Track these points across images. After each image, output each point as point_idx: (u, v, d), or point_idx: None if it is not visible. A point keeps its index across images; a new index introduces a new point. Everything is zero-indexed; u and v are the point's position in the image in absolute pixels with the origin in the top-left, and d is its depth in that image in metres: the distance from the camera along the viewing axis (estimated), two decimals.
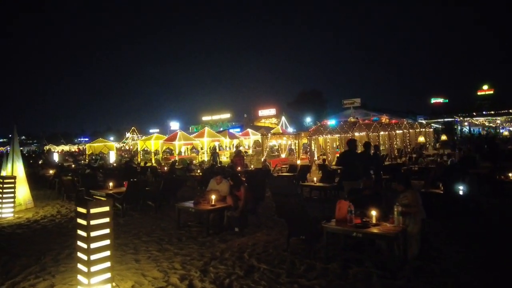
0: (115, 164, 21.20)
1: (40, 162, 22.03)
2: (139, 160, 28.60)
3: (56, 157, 29.21)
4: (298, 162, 19.07)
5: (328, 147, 20.43)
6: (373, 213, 4.68)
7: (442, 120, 35.13)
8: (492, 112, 32.46)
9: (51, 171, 13.67)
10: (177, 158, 25.65)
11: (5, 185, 7.87)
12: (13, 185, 8.02)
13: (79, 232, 3.57)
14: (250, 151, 33.46)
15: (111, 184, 8.89)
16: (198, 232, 6.43)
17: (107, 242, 3.61)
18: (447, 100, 59.16)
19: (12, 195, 8.00)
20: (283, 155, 23.38)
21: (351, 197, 5.69)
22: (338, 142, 20.01)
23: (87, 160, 29.54)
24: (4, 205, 7.83)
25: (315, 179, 10.68)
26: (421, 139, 21.02)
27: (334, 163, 16.89)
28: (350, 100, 40.04)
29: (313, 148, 19.64)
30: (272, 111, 67.31)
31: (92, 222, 3.46)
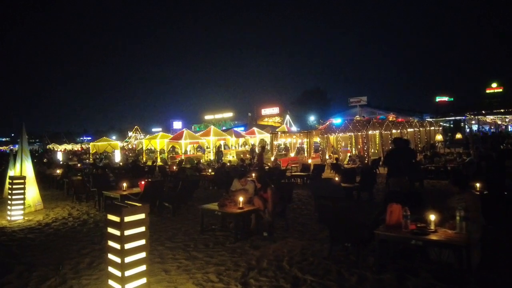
0: (121, 164, 20.71)
1: (44, 161, 21.60)
2: (144, 159, 28.14)
3: (60, 156, 28.76)
4: (310, 161, 18.61)
5: (339, 145, 19.95)
6: (432, 217, 4.19)
7: (451, 118, 34.54)
8: (502, 110, 31.92)
9: (58, 171, 13.20)
10: (183, 157, 25.21)
11: (14, 186, 7.39)
12: (23, 186, 7.55)
13: (111, 243, 3.08)
14: (256, 150, 32.97)
15: (124, 184, 8.41)
16: (225, 237, 5.95)
17: (143, 255, 3.12)
18: (452, 99, 58.54)
19: (22, 196, 7.52)
20: (292, 154, 22.87)
21: (391, 197, 5.22)
22: (350, 140, 19.50)
23: (91, 159, 29.12)
24: (13, 207, 7.36)
25: (337, 179, 10.18)
26: (439, 137, 20.47)
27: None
28: (357, 99, 39.55)
29: (324, 146, 19.16)
30: (275, 110, 66.82)
31: (127, 233, 2.97)
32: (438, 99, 58.37)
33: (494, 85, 38.05)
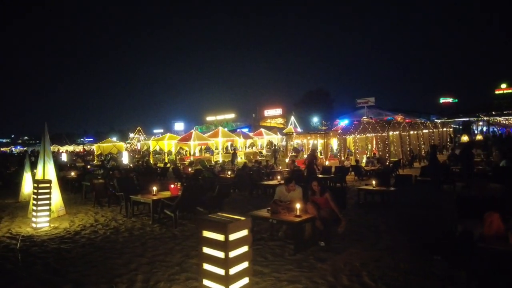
0: (131, 165, 20.08)
1: None
2: (151, 160, 27.52)
3: (64, 158, 28.09)
4: (327, 163, 18.08)
5: (356, 147, 19.44)
6: None
7: (461, 119, 34.25)
8: None
9: (72, 173, 12.58)
10: (192, 159, 24.63)
11: (40, 191, 6.79)
12: (49, 191, 6.95)
13: (209, 267, 2.50)
14: (264, 151, 32.45)
15: (154, 188, 7.83)
16: (280, 248, 5.40)
17: (246, 280, 2.55)
18: (456, 100, 58.33)
19: (48, 202, 6.92)
20: (306, 156, 22.31)
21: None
22: (366, 142, 18.98)
23: (96, 161, 28.46)
24: (39, 213, 6.75)
25: (374, 182, 9.63)
26: (465, 138, 19.99)
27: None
28: (364, 100, 39.19)
29: (337, 147, 18.64)
30: (278, 111, 66.37)
31: (232, 254, 2.40)
32: (442, 100, 58.18)
33: (503, 86, 37.77)
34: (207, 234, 2.49)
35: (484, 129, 37.59)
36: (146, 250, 5.30)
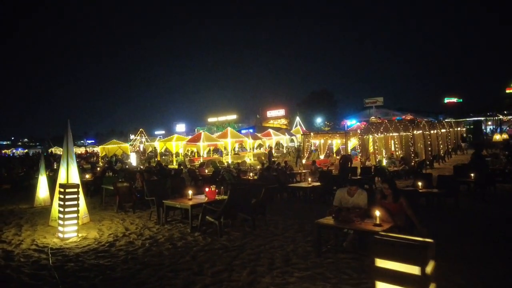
0: (142, 167, 19.26)
1: (54, 167, 20.08)
2: (157, 161, 26.70)
3: None
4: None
5: (376, 147, 18.71)
6: None
7: (472, 119, 33.69)
8: None
9: (87, 176, 11.77)
10: (201, 160, 23.85)
11: (67, 196, 6.00)
12: (76, 196, 6.15)
13: None
14: (273, 152, 31.65)
15: (190, 192, 7.06)
16: (356, 260, 4.66)
17: None
18: (461, 100, 57.88)
19: (76, 208, 6.12)
20: (321, 156, 21.58)
21: None
22: (393, 140, 18.25)
23: (100, 162, 27.61)
24: (66, 222, 5.96)
25: (420, 184, 8.90)
26: (497, 137, 19.30)
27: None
28: (372, 99, 38.57)
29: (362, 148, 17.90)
30: (281, 112, 65.70)
31: None
32: (447, 100, 57.72)
33: None
34: (385, 263, 1.73)
35: (491, 128, 37.07)
36: (202, 266, 4.53)
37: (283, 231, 6.29)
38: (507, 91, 37.30)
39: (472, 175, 10.02)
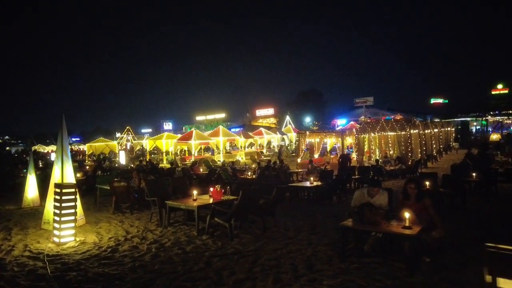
0: (133, 165, 18.60)
1: (40, 165, 19.18)
2: (147, 159, 26.01)
3: (53, 158, 26.13)
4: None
5: (371, 146, 18.64)
6: None
7: (459, 119, 34.30)
8: (511, 111, 31.81)
9: (78, 174, 11.13)
10: (193, 158, 23.31)
11: (64, 197, 5.48)
12: (74, 197, 5.64)
13: None
14: (264, 151, 31.39)
15: (195, 192, 6.64)
16: (381, 264, 4.36)
17: None
18: (447, 101, 58.99)
19: (73, 210, 5.61)
20: (316, 155, 21.39)
21: None
22: (388, 140, 18.19)
23: (87, 161, 26.68)
24: (63, 225, 5.44)
25: (427, 183, 8.73)
26: (494, 137, 19.50)
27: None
28: (363, 99, 38.74)
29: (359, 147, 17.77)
30: (270, 111, 65.52)
31: None
32: (433, 101, 58.75)
33: (499, 86, 38.21)
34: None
35: (473, 129, 37.83)
36: (220, 274, 4.13)
37: (295, 233, 5.95)
38: (493, 92, 38.26)
39: (474, 174, 9.97)
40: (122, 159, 23.70)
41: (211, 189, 7.01)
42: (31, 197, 8.82)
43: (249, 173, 12.92)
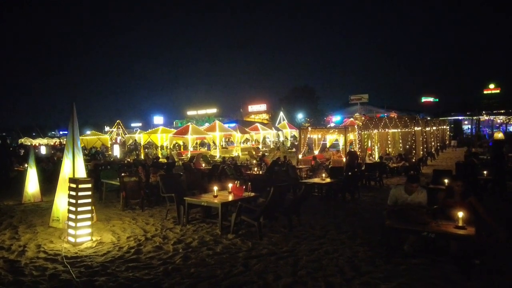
0: (130, 160, 17.99)
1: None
2: (142, 154, 25.35)
3: (44, 151, 25.21)
4: (344, 159, 17.06)
5: (372, 143, 18.55)
6: None
7: (452, 118, 34.69)
8: (502, 111, 32.37)
9: None
10: (189, 155, 22.81)
11: (80, 193, 5.02)
12: (90, 193, 5.18)
13: None
14: (260, 146, 31.04)
15: (215, 188, 6.26)
16: (428, 266, 4.11)
17: None
18: (437, 99, 59.77)
19: (90, 208, 5.16)
20: (316, 152, 21.18)
21: None
22: (388, 137, 18.11)
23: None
24: (79, 224, 4.99)
25: (446, 181, 8.56)
26: (500, 135, 19.63)
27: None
28: (357, 96, 38.76)
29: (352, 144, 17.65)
30: (262, 107, 65.21)
31: None
32: (423, 99, 59.45)
33: (491, 86, 38.82)
34: None
35: (466, 128, 38.41)
36: (264, 278, 3.79)
37: (323, 232, 5.65)
38: (485, 92, 38.86)
39: (485, 172, 9.90)
40: (116, 152, 22.98)
41: (230, 185, 6.65)
42: (32, 192, 8.26)
43: (256, 169, 12.59)
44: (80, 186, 5.05)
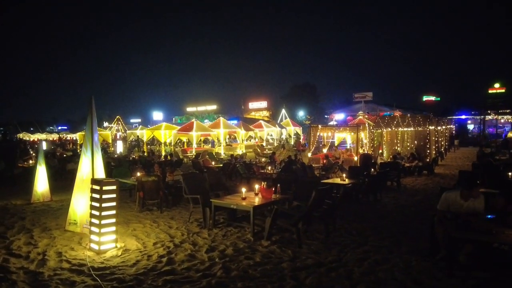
0: (135, 156, 17.51)
1: (33, 154, 17.83)
2: (145, 151, 24.85)
3: (44, 146, 24.60)
4: (356, 158, 16.69)
5: (383, 142, 18.17)
6: None
7: (456, 117, 34.43)
8: (508, 111, 32.15)
9: None
10: (194, 151, 22.34)
11: (104, 195, 4.56)
12: (115, 196, 4.72)
13: None
14: (264, 144, 30.60)
15: (243, 189, 5.82)
16: (498, 280, 3.70)
17: None
18: (439, 99, 59.55)
19: (114, 212, 4.69)
20: (324, 150, 20.78)
21: None
22: (407, 135, 17.73)
23: (79, 150, 25.23)
24: (103, 229, 4.53)
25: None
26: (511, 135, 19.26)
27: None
28: (362, 94, 38.34)
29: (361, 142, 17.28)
30: (263, 104, 64.76)
31: None
32: (425, 98, 59.20)
33: (496, 85, 38.56)
34: None
35: (470, 127, 38.17)
36: None
37: (364, 239, 5.24)
38: (490, 91, 38.60)
39: (510, 174, 9.53)
40: (119, 148, 22.46)
41: (257, 186, 6.21)
42: (41, 191, 7.78)
43: (269, 168, 12.15)
44: (105, 188, 4.58)
